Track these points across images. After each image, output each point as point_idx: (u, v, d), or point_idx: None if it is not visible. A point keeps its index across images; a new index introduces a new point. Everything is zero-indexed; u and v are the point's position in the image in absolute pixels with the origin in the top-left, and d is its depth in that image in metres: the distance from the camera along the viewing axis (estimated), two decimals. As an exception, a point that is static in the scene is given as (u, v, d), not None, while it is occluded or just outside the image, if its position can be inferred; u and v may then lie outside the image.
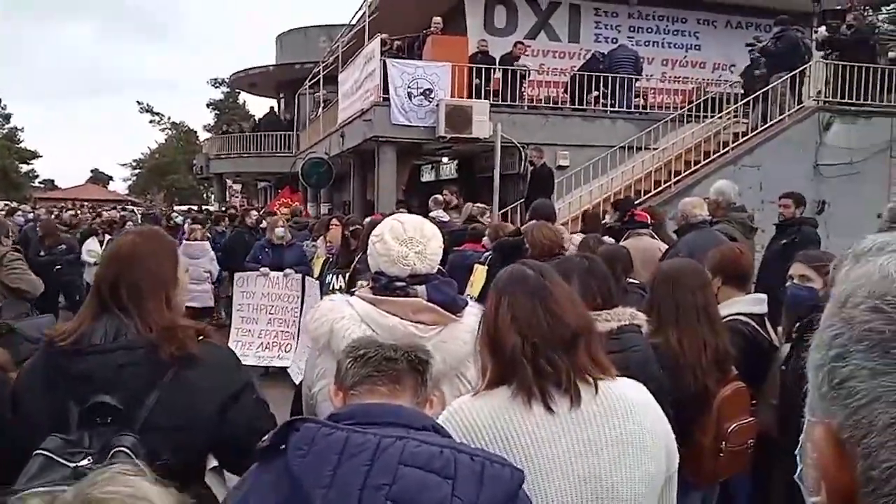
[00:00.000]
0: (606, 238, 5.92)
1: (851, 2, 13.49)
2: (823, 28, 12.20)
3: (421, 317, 2.09)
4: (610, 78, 12.69)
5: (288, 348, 7.89)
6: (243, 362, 2.27)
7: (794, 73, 11.41)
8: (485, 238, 6.45)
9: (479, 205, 8.83)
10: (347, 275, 5.95)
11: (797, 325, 3.05)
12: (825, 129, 11.44)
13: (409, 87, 11.86)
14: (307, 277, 7.78)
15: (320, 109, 19.08)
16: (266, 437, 1.38)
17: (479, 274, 6.28)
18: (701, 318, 2.88)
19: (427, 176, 17.49)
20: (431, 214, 9.24)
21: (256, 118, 30.95)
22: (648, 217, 6.92)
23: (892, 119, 11.73)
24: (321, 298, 7.03)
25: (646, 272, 5.14)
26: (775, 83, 11.51)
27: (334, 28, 25.65)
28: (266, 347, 7.95)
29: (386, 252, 2.13)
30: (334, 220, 7.43)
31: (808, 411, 0.68)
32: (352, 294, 2.25)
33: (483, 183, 14.18)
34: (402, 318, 2.07)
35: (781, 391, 3.10)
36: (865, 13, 13.14)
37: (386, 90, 11.97)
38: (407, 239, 2.13)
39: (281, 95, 29.04)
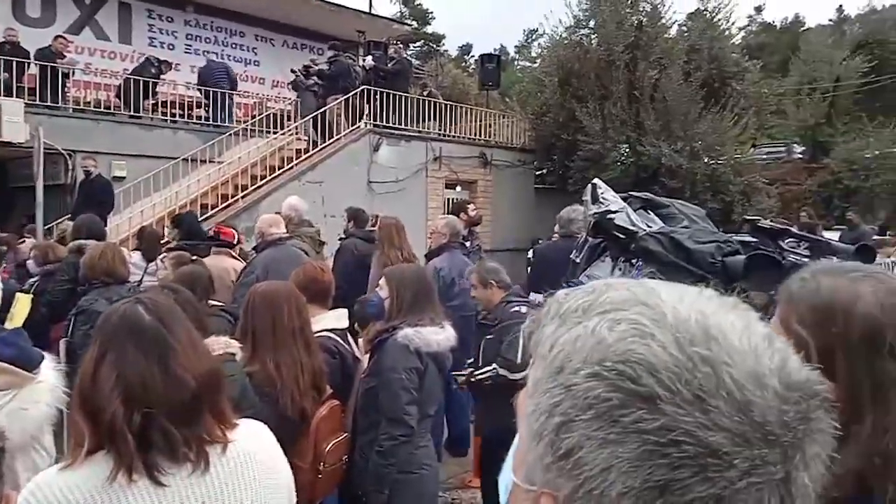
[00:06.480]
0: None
1: (390, 36, 15.27)
2: (370, 57, 13.49)
3: None
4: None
5: None
6: None
7: (347, 96, 12.37)
8: (29, 261, 5.45)
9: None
10: None
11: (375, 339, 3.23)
12: (375, 149, 12.65)
13: None
14: None
15: None
16: None
17: (23, 305, 5.27)
18: (298, 341, 2.83)
19: (-62, 185, 14.22)
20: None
21: None
22: (235, 235, 6.66)
23: (426, 143, 13.56)
24: None
25: (223, 294, 4.95)
26: (331, 104, 12.31)
27: None
28: None
29: None
30: None
31: (522, 476, 0.64)
32: None
33: (19, 194, 12.12)
34: None
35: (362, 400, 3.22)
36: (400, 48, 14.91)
37: None
38: None
39: None
